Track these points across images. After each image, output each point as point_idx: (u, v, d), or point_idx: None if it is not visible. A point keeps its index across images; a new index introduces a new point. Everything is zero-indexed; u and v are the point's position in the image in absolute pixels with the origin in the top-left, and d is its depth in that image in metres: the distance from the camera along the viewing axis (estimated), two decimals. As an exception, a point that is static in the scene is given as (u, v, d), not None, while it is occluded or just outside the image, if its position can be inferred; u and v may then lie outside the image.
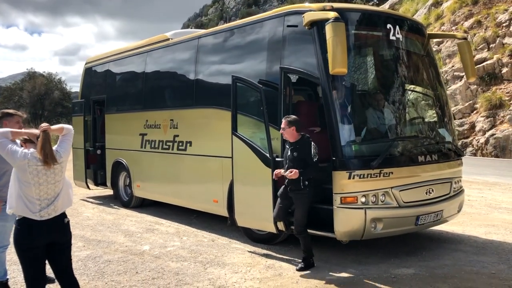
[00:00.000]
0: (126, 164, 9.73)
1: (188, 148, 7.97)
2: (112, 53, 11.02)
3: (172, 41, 8.87)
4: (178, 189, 8.34)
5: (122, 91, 10.26)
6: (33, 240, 3.52)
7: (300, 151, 5.26)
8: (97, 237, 7.28)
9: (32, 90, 50.12)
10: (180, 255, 6.20)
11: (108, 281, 5.21)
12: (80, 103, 11.43)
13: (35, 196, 3.51)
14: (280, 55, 6.18)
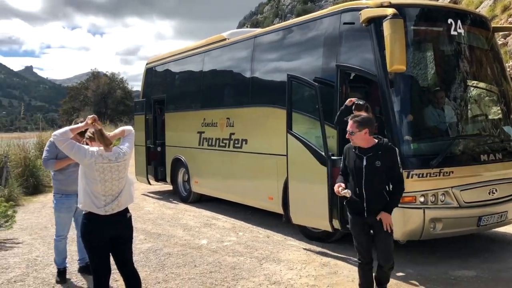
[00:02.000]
0: (185, 161, 10.04)
1: (244, 146, 8.11)
2: (171, 53, 11.38)
3: (228, 41, 9.04)
4: (234, 186, 8.51)
5: (181, 91, 10.58)
6: (98, 234, 3.74)
7: (385, 160, 4.00)
8: (157, 230, 7.57)
9: (96, 89, 52.46)
10: (236, 250, 6.34)
11: (168, 273, 5.42)
12: (141, 102, 11.90)
13: (100, 192, 3.70)
14: (336, 53, 6.16)
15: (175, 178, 10.60)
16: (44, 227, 7.80)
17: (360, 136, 4.01)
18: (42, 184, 11.66)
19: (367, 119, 4.10)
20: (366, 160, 4.00)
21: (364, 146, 4.05)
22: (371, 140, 4.05)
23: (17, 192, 10.27)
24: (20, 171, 11.23)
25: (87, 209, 3.73)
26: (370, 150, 4.01)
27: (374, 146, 4.02)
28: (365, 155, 4.01)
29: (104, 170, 3.70)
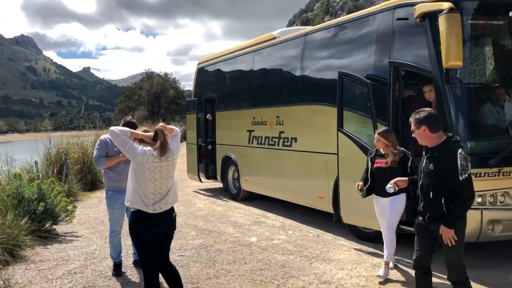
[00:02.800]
0: (235, 159, 10.16)
1: (293, 144, 8.10)
2: (221, 53, 11.53)
3: (278, 39, 9.05)
4: (283, 184, 8.52)
5: (231, 90, 10.70)
6: (146, 231, 3.86)
7: (439, 163, 3.58)
8: (208, 227, 7.71)
9: (150, 89, 53.88)
10: (286, 248, 6.34)
11: (219, 269, 5.51)
12: (193, 101, 12.15)
13: (150, 190, 3.79)
14: (389, 49, 6.03)
15: (225, 176, 10.74)
16: (101, 222, 8.13)
17: (419, 133, 3.68)
18: (99, 181, 12.14)
19: (427, 115, 3.65)
20: (424, 161, 3.73)
21: (428, 145, 3.70)
22: (436, 139, 3.64)
23: (76, 188, 10.76)
24: (78, 168, 11.76)
25: (135, 207, 3.84)
26: (432, 151, 3.65)
27: (437, 146, 3.63)
28: (426, 156, 3.72)
29: (154, 169, 3.80)
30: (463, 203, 3.56)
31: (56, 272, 5.48)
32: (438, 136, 3.64)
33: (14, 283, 5.06)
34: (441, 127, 3.70)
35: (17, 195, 6.83)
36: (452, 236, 3.52)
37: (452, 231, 3.52)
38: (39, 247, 6.49)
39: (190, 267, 5.59)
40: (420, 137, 3.72)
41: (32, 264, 5.76)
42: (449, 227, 3.52)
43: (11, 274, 5.29)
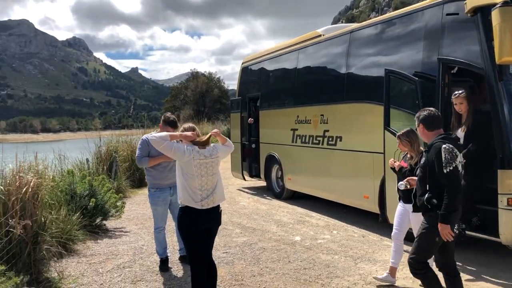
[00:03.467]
0: (278, 158, 10.16)
1: (338, 143, 8.01)
2: (265, 52, 11.56)
3: (323, 37, 8.97)
4: (327, 184, 8.44)
5: (275, 88, 10.70)
6: (194, 226, 3.99)
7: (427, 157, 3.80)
8: (252, 225, 7.75)
9: (195, 88, 54.75)
10: (330, 248, 6.29)
11: (263, 267, 5.53)
12: (237, 100, 12.25)
13: (197, 186, 3.95)
14: (438, 46, 5.85)
15: (268, 174, 10.77)
16: (148, 218, 8.33)
17: (419, 131, 3.99)
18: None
19: (425, 114, 3.88)
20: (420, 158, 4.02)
21: (426, 141, 3.93)
22: (432, 137, 3.82)
23: (124, 185, 11.10)
24: (127, 166, 12.11)
25: (185, 204, 3.98)
26: (427, 147, 3.84)
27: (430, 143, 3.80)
28: (424, 151, 3.93)
29: (200, 166, 3.95)
30: (450, 196, 3.55)
31: (106, 266, 5.68)
32: (434, 134, 3.82)
33: (67, 275, 5.29)
34: (439, 126, 3.86)
35: (70, 191, 7.12)
36: (449, 232, 3.54)
37: (447, 227, 3.54)
38: (90, 241, 6.74)
39: (235, 264, 5.65)
40: (420, 134, 4.03)
41: (84, 258, 5.99)
42: (443, 223, 3.55)
43: (65, 267, 5.53)
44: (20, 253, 4.77)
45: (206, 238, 4.09)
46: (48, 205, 5.81)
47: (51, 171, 7.54)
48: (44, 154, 7.09)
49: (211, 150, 4.07)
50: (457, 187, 3.57)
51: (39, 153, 6.27)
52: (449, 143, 3.64)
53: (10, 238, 4.68)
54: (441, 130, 3.86)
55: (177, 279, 5.20)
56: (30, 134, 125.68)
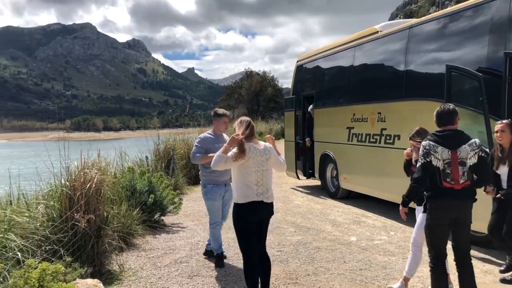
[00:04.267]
0: (333, 157, 10.03)
1: (396, 142, 7.80)
2: (321, 50, 11.44)
3: (381, 33, 8.75)
4: (384, 183, 8.24)
5: (330, 86, 10.57)
6: (250, 218, 4.12)
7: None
8: (306, 224, 7.71)
9: (249, 87, 55.21)
10: (387, 249, 6.14)
11: (318, 266, 5.49)
12: (291, 99, 12.21)
13: (253, 182, 4.10)
14: (505, 39, 5.55)
15: (323, 173, 10.66)
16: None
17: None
18: (202, 175, 12.68)
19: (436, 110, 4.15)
20: None
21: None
22: None
23: (181, 182, 11.37)
24: (184, 163, 12.40)
25: (240, 201, 4.11)
26: None
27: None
28: None
29: (256, 162, 4.12)
30: (410, 185, 4.00)
31: (164, 260, 5.84)
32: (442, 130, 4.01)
33: (128, 268, 5.49)
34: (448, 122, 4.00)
35: (130, 187, 7.39)
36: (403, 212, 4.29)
37: (403, 209, 4.28)
38: (149, 236, 6.96)
39: (289, 263, 5.64)
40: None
41: (143, 252, 6.20)
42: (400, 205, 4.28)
43: (125, 260, 5.74)
44: (84, 246, 5.00)
45: (260, 230, 4.24)
46: (110, 201, 6.05)
47: (112, 168, 7.86)
48: (106, 151, 7.38)
49: (265, 148, 4.22)
50: (416, 180, 3.91)
51: (102, 151, 6.54)
52: (432, 139, 3.91)
53: (75, 232, 4.91)
54: (453, 126, 3.97)
55: (232, 274, 5.26)
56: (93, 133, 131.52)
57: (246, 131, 4.15)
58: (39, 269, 3.54)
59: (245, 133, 4.14)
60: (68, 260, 4.37)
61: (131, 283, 5.01)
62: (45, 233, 4.75)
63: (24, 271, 3.51)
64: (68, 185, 5.14)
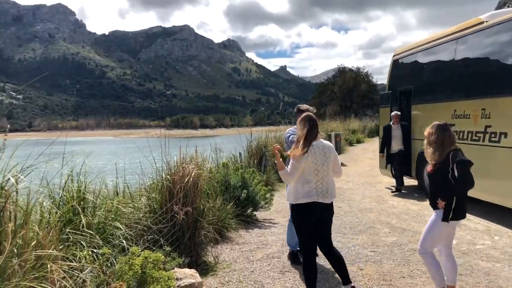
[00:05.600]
0: (432, 155, 9.53)
1: (503, 140, 7.23)
2: (418, 43, 10.93)
3: (487, 23, 8.15)
4: (488, 184, 7.66)
5: (429, 81, 10.06)
6: (310, 218, 4.19)
7: None
8: (402, 225, 7.43)
9: (342, 84, 54.34)
10: (491, 255, 5.72)
11: (414, 269, 5.27)
12: (387, 94, 11.81)
13: (313, 180, 4.15)
14: None
15: (420, 173, 10.17)
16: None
17: None
18: (293, 172, 12.72)
19: None
20: None
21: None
22: None
23: (273, 178, 11.50)
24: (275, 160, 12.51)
25: (298, 201, 4.18)
26: None
27: None
28: None
29: (316, 161, 4.15)
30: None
31: (256, 254, 5.97)
32: None
33: (222, 260, 5.69)
34: None
35: (225, 182, 7.65)
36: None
37: None
38: (242, 230, 7.15)
39: (383, 264, 5.48)
40: None
41: (236, 245, 6.38)
42: None
43: (219, 252, 5.95)
44: (182, 237, 5.26)
45: (321, 228, 4.30)
46: (206, 194, 6.30)
47: (208, 163, 8.17)
48: (202, 148, 7.69)
49: (326, 146, 4.26)
50: None
51: (198, 147, 6.83)
52: None
53: (174, 223, 5.19)
54: None
55: (324, 272, 5.23)
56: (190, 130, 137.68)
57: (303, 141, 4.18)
58: (142, 256, 3.79)
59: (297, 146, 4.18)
60: (167, 250, 4.64)
61: (225, 275, 5.19)
62: (147, 223, 5.08)
63: (129, 258, 3.78)
64: (168, 178, 5.44)
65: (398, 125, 10.55)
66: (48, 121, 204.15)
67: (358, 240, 6.55)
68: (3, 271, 2.70)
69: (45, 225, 3.57)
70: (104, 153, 32.23)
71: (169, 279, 3.76)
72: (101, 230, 4.42)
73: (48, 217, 3.96)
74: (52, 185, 4.53)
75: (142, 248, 4.32)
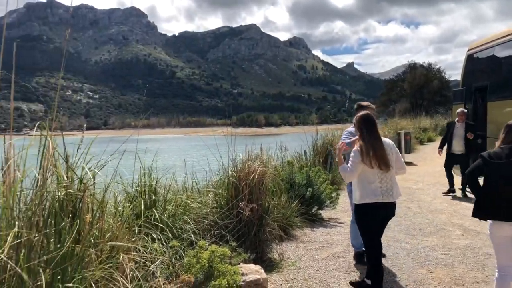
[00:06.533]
0: (510, 155, 8.96)
1: None
2: (496, 36, 10.30)
3: None
4: None
5: (509, 76, 9.46)
6: (376, 216, 4.25)
7: None
8: (476, 228, 7.05)
9: (412, 80, 52.42)
10: None
11: (489, 274, 4.99)
12: (460, 91, 11.27)
13: (377, 179, 4.17)
14: None
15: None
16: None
17: None
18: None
19: None
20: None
21: None
22: None
23: (339, 177, 11.33)
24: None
25: (363, 201, 4.20)
26: None
27: None
28: None
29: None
30: None
31: (321, 253, 5.92)
32: None
33: (287, 257, 5.70)
34: None
35: (289, 180, 7.65)
36: None
37: None
38: (307, 228, 7.12)
39: (455, 267, 5.24)
40: None
41: (301, 244, 6.37)
42: None
43: (284, 250, 5.97)
44: (248, 233, 5.34)
45: (381, 226, 4.39)
46: (271, 192, 6.35)
47: (273, 161, 8.21)
48: (268, 145, 7.75)
49: (387, 144, 4.31)
50: None
51: (263, 145, 6.89)
52: None
53: (240, 219, 5.28)
54: None
55: (391, 274, 5.09)
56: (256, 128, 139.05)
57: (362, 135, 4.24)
58: (209, 251, 3.89)
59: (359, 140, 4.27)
60: (233, 245, 4.72)
61: (290, 272, 5.20)
62: (214, 219, 5.20)
63: (197, 252, 3.89)
64: (234, 175, 5.54)
65: (463, 123, 9.95)
66: (122, 120, 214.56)
67: (428, 242, 6.31)
68: (81, 259, 2.88)
69: (119, 218, 3.77)
70: (173, 150, 33.34)
71: (235, 274, 3.83)
72: (170, 224, 4.59)
73: (122, 210, 4.17)
74: (125, 180, 4.76)
75: (209, 242, 4.43)
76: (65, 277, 2.76)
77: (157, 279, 3.35)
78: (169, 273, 3.76)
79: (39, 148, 2.90)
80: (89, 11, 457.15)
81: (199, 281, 3.73)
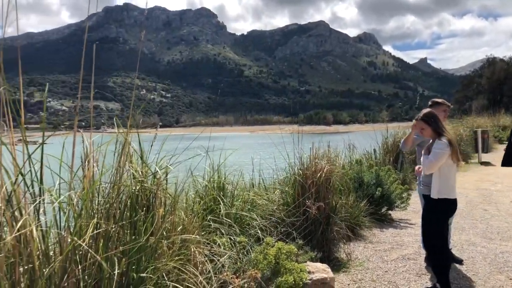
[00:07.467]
0: None
1: None
2: None
3: None
4: None
5: None
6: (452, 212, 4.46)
7: None
8: (562, 234, 6.55)
9: (491, 76, 49.51)
10: None
11: None
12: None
13: (452, 177, 4.27)
14: None
15: None
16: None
17: None
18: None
19: None
20: None
21: None
22: None
23: (410, 177, 10.96)
24: (413, 158, 11.90)
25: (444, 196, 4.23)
26: None
27: None
28: None
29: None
30: None
31: (391, 254, 5.77)
32: None
33: (354, 258, 5.61)
34: None
35: (358, 179, 7.51)
36: None
37: None
38: (375, 229, 6.95)
39: (537, 276, 4.90)
40: None
41: (370, 244, 6.23)
42: None
43: (352, 249, 5.87)
44: (315, 232, 5.31)
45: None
46: (338, 191, 6.27)
47: (341, 159, 8.10)
48: (335, 143, 7.65)
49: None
50: None
51: (331, 143, 6.82)
52: None
53: (306, 217, 5.27)
54: None
55: (465, 278, 4.86)
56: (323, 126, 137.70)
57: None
58: (276, 247, 3.93)
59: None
60: (300, 243, 4.73)
61: (358, 272, 5.11)
62: (280, 216, 5.23)
63: (263, 248, 3.94)
64: (300, 173, 5.53)
65: None
66: (193, 118, 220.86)
67: (508, 247, 5.94)
68: (154, 250, 3.02)
69: (190, 212, 3.90)
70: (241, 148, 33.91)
71: (302, 271, 3.84)
72: (238, 220, 4.67)
73: (192, 205, 4.31)
74: (196, 176, 4.91)
75: (275, 239, 4.46)
76: (139, 267, 2.91)
77: (225, 273, 3.44)
78: (236, 268, 3.84)
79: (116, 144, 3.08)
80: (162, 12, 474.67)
81: (266, 277, 3.77)
